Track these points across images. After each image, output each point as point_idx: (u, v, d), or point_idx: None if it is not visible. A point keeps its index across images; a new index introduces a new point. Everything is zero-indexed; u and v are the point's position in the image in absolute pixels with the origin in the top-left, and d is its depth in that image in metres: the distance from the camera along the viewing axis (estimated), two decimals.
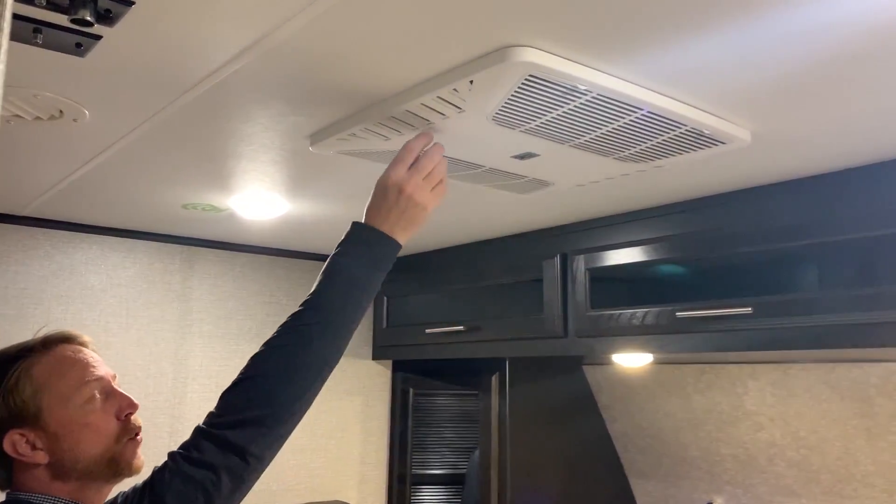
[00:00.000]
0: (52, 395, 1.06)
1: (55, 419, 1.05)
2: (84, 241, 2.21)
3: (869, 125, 1.24)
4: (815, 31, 0.92)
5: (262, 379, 1.06)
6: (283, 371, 1.06)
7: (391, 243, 1.15)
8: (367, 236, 1.15)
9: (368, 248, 1.14)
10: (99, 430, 1.07)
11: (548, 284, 2.00)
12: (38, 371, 1.07)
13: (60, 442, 1.05)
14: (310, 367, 1.07)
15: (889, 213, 1.39)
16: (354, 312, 1.12)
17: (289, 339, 1.09)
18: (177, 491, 1.00)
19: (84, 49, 1.02)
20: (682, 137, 1.23)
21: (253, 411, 1.04)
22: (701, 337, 1.64)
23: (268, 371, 1.06)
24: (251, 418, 1.03)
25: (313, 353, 1.07)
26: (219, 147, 1.44)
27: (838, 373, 1.82)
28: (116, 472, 1.08)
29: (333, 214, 1.99)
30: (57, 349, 1.10)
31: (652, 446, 2.35)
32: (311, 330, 1.08)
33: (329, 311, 1.10)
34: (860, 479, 1.88)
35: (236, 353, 2.43)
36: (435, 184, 1.16)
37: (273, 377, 1.06)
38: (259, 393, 1.05)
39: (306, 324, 1.09)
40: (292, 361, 1.06)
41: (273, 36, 0.98)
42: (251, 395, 1.05)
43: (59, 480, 1.06)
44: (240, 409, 1.04)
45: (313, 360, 1.07)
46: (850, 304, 1.41)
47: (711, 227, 1.67)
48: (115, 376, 1.14)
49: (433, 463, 2.73)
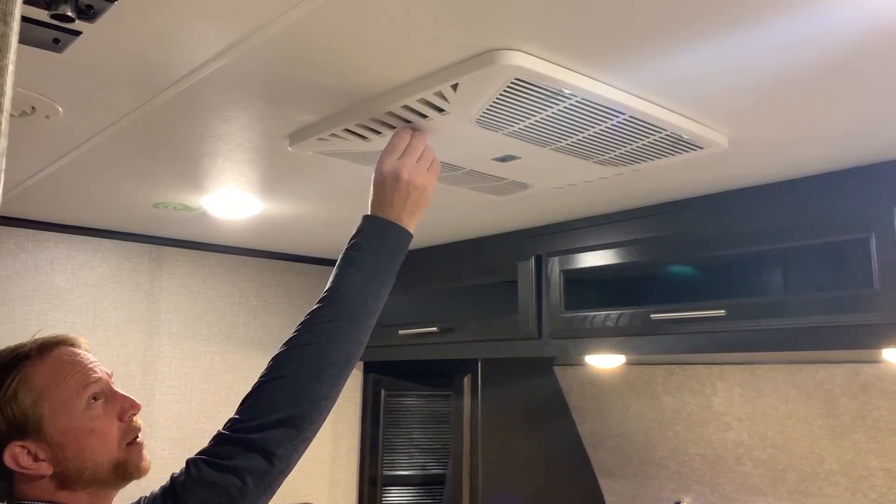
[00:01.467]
0: (52, 403, 1.01)
1: (57, 428, 1.00)
2: (49, 239, 2.17)
3: (840, 132, 1.28)
4: (793, 42, 0.95)
5: (287, 380, 1.04)
6: (308, 370, 1.04)
7: (401, 230, 1.15)
8: (376, 226, 1.14)
9: (379, 237, 1.14)
10: (103, 436, 1.03)
11: (522, 286, 2.01)
12: (36, 379, 1.02)
13: (64, 451, 1.00)
14: (335, 365, 1.06)
15: (857, 217, 1.43)
16: (374, 304, 1.11)
17: (311, 337, 1.07)
18: (200, 498, 0.98)
19: (62, 45, 1.00)
20: (661, 142, 1.25)
21: (280, 413, 1.01)
22: (674, 338, 1.67)
23: (293, 371, 1.04)
24: (279, 420, 1.01)
25: (337, 350, 1.06)
26: (195, 146, 1.42)
27: (804, 374, 1.86)
28: (124, 476, 1.05)
29: (307, 215, 1.97)
30: (53, 354, 1.05)
31: (621, 446, 2.38)
32: (332, 326, 1.07)
33: (348, 306, 1.09)
34: (824, 477, 1.93)
35: (206, 353, 2.40)
36: (428, 164, 1.17)
37: (299, 377, 1.04)
38: (285, 394, 1.03)
39: (327, 320, 1.08)
40: (317, 359, 1.05)
41: (256, 35, 0.97)
42: (277, 397, 1.03)
43: (66, 490, 1.01)
44: (266, 411, 1.02)
45: (338, 356, 1.06)
46: (819, 307, 1.44)
47: (686, 230, 1.70)
48: (112, 375, 1.10)
49: (404, 464, 2.72)
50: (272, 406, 1.02)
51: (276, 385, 1.04)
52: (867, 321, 1.37)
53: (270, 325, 2.55)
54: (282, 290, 2.60)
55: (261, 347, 2.51)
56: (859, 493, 1.87)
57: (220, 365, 2.43)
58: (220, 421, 1.06)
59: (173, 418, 2.31)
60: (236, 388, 2.42)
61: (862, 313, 1.38)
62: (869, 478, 1.84)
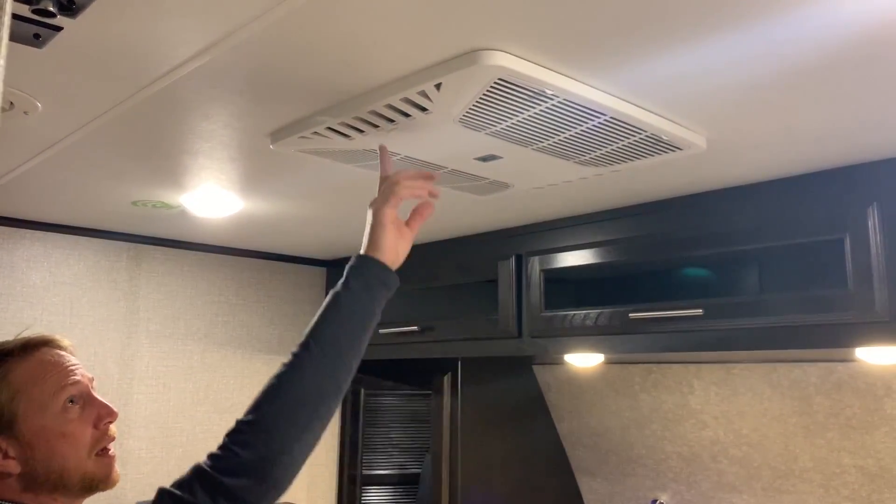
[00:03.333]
0: (28, 402, 1.01)
1: (30, 427, 1.00)
2: (25, 237, 2.14)
3: (815, 135, 1.30)
4: (771, 46, 0.97)
5: (258, 423, 0.99)
6: (280, 413, 1.00)
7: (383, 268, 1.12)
8: (361, 265, 1.11)
9: (364, 278, 1.10)
10: (75, 441, 1.02)
11: (502, 285, 2.02)
12: (16, 376, 1.02)
13: (34, 451, 1.00)
14: (305, 406, 1.01)
15: (831, 218, 1.45)
16: (350, 344, 1.06)
17: (285, 377, 1.02)
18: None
19: (42, 40, 1.00)
20: (641, 143, 1.26)
21: (250, 457, 0.97)
22: (652, 337, 1.68)
23: (265, 413, 1.00)
24: (248, 465, 0.96)
25: (307, 392, 1.02)
26: (175, 143, 1.42)
27: (779, 373, 1.89)
28: (90, 487, 1.04)
29: (287, 213, 1.97)
30: (36, 353, 1.05)
31: (599, 444, 2.40)
32: (304, 368, 1.03)
33: (323, 347, 1.04)
34: (798, 474, 1.96)
35: (184, 353, 2.39)
36: None
37: (270, 420, 0.99)
38: (257, 437, 0.98)
39: (299, 362, 1.03)
40: (288, 402, 1.00)
41: (239, 32, 0.97)
42: (248, 439, 0.98)
43: (30, 492, 1.01)
44: (236, 453, 0.97)
45: (308, 399, 1.01)
46: (794, 306, 1.46)
47: (664, 230, 1.72)
48: (93, 379, 1.10)
49: (383, 463, 2.72)
50: (242, 449, 0.97)
51: (248, 427, 0.99)
52: (841, 320, 1.40)
53: (249, 324, 2.54)
54: (261, 289, 2.59)
55: (239, 346, 2.50)
56: (832, 490, 1.90)
57: (199, 364, 2.41)
58: (199, 420, 1.05)
59: (151, 417, 2.29)
60: (214, 387, 2.40)
61: (836, 313, 1.40)
62: (842, 475, 1.87)
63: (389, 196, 1.14)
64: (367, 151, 1.33)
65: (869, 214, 1.39)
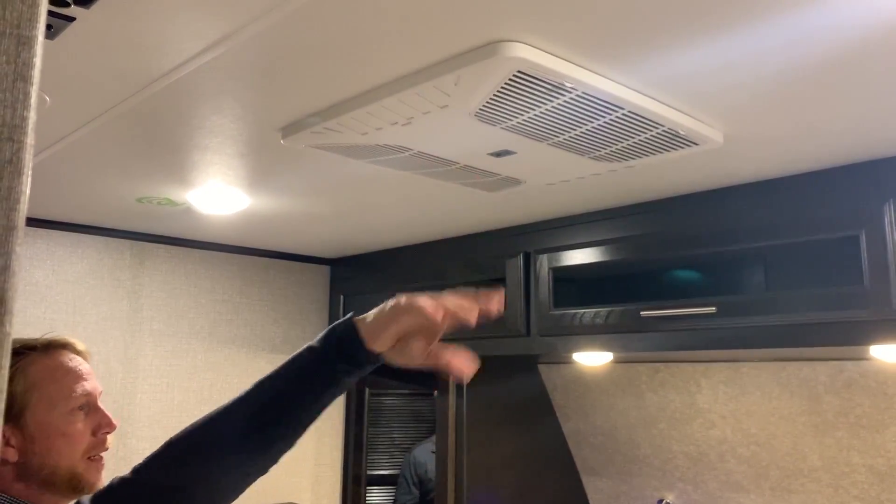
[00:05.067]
0: (40, 397, 1.05)
1: (36, 421, 1.04)
2: (29, 234, 2.12)
3: (833, 129, 1.29)
4: (792, 39, 0.96)
5: (175, 444, 0.99)
6: (195, 444, 0.98)
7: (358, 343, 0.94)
8: (337, 325, 0.97)
9: (334, 345, 0.96)
10: (72, 443, 1.06)
11: (510, 284, 2.00)
12: (34, 371, 1.06)
13: (34, 444, 1.03)
14: (213, 460, 0.99)
15: (847, 214, 1.44)
16: (287, 411, 0.99)
17: (222, 417, 0.97)
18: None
19: (54, 31, 0.98)
20: (657, 138, 1.25)
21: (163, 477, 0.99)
22: (664, 336, 1.67)
23: (181, 436, 0.99)
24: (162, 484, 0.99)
25: (222, 449, 0.98)
26: (184, 137, 1.40)
27: (788, 371, 1.88)
28: (76, 488, 1.06)
29: (293, 210, 1.95)
30: (56, 354, 1.10)
31: (605, 444, 2.38)
32: (233, 424, 0.97)
33: (255, 406, 0.97)
34: (807, 474, 1.95)
35: (188, 351, 2.37)
36: None
37: (183, 445, 0.99)
38: (170, 459, 0.99)
39: (234, 409, 0.97)
40: (208, 443, 0.99)
41: (253, 24, 0.95)
42: (164, 459, 1.00)
43: (22, 482, 1.04)
44: (153, 469, 1.00)
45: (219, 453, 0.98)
46: (810, 303, 1.45)
47: (676, 227, 1.70)
48: (101, 392, 1.14)
49: (387, 463, 2.71)
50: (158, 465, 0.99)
51: (167, 447, 0.99)
52: (858, 318, 1.39)
53: (253, 323, 2.52)
54: (265, 288, 2.58)
55: (243, 345, 2.48)
56: (841, 490, 1.89)
57: (202, 363, 2.39)
58: None
59: (154, 416, 2.27)
60: (218, 386, 2.39)
61: (852, 310, 1.39)
62: (851, 474, 1.86)
63: (435, 296, 0.96)
64: (381, 146, 1.32)
65: (885, 210, 1.38)
